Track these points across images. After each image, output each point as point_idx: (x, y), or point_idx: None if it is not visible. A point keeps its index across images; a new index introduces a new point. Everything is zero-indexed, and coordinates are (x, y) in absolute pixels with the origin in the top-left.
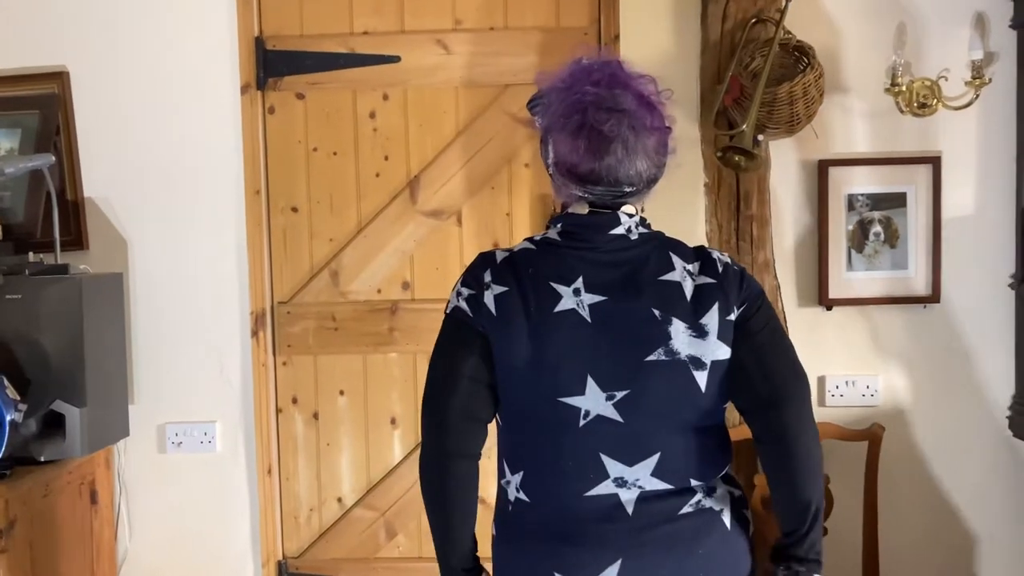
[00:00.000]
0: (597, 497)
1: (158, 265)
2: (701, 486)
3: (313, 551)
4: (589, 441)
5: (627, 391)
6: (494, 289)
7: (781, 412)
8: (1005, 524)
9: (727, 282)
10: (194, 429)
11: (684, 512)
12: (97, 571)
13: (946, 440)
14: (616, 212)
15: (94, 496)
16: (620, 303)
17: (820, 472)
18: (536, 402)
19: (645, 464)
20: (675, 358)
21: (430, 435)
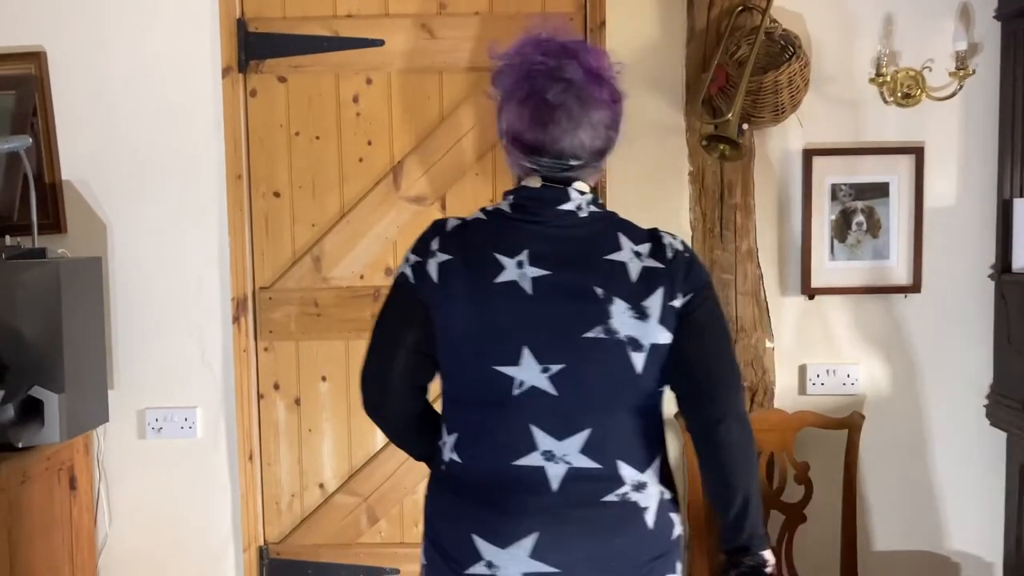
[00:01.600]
0: (525, 468)
1: (138, 249)
2: (632, 476)
3: (295, 536)
4: (521, 412)
5: (563, 365)
6: (439, 257)
7: (716, 405)
8: (983, 512)
9: (675, 268)
10: (175, 415)
11: (607, 500)
12: (76, 557)
13: (925, 429)
14: (566, 188)
15: (73, 482)
16: (563, 278)
17: (751, 465)
18: (472, 370)
19: (574, 440)
20: (613, 337)
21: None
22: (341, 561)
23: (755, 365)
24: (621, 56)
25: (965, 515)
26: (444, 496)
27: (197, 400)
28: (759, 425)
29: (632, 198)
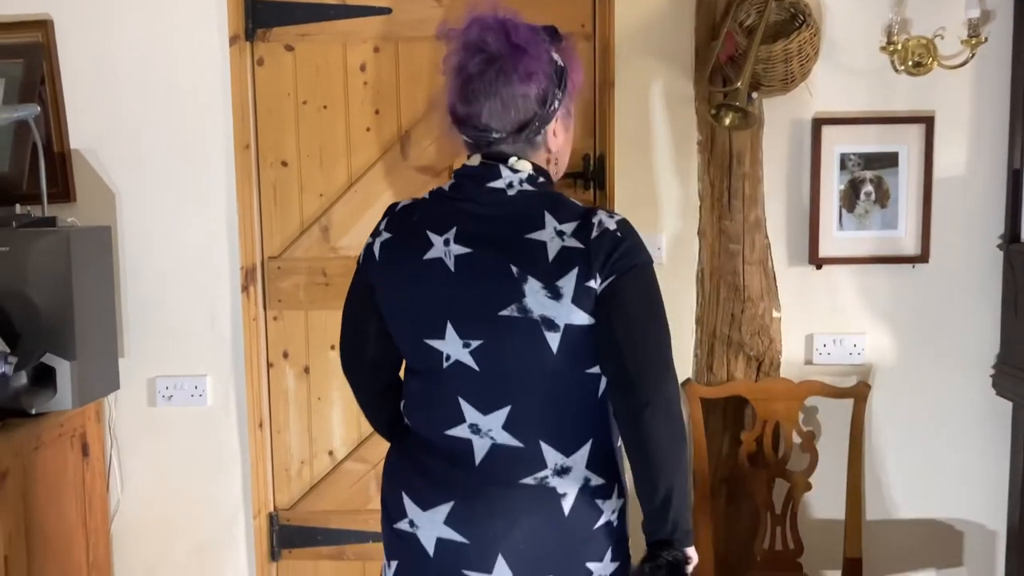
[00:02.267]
0: (455, 438)
1: (146, 219)
2: (555, 459)
3: (304, 503)
4: (451, 384)
5: (481, 341)
6: (382, 236)
7: (641, 391)
8: (987, 481)
9: (598, 248)
10: (185, 383)
11: (524, 482)
12: (90, 522)
13: (931, 399)
14: (499, 165)
15: (85, 449)
16: (483, 256)
17: (677, 459)
18: (410, 341)
19: (497, 415)
20: (527, 316)
21: (347, 372)
22: (350, 527)
23: (762, 335)
24: (630, 25)
25: (969, 484)
26: (393, 456)
27: (207, 368)
28: (765, 395)
29: (640, 168)
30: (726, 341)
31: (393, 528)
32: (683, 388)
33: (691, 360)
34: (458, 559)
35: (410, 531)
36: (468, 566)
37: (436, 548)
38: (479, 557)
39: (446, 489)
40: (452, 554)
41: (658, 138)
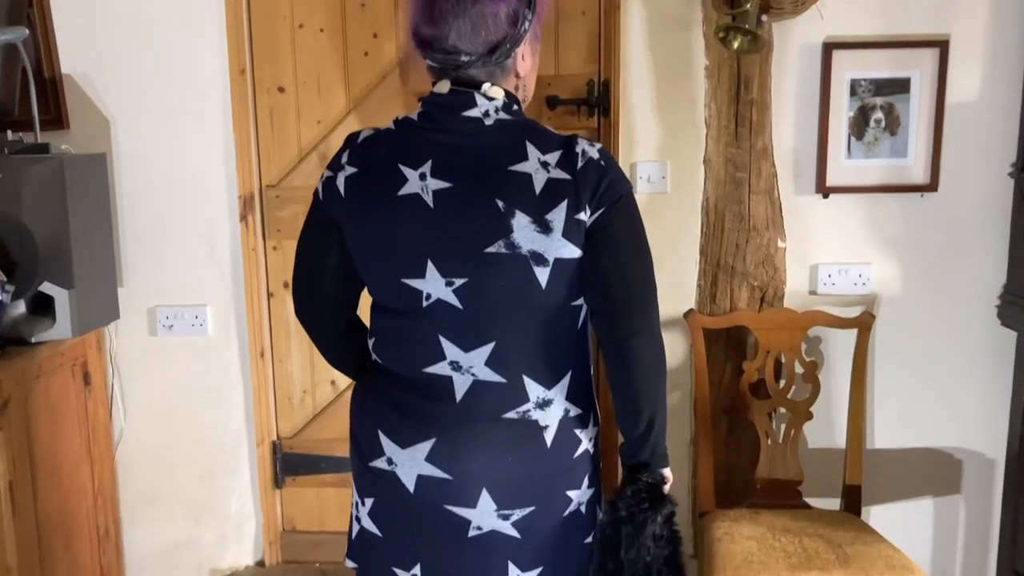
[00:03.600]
0: (433, 375)
1: (142, 146)
2: (537, 392)
3: (307, 432)
4: (430, 322)
5: (466, 279)
6: (346, 171)
7: (626, 321)
8: (988, 411)
9: (584, 179)
10: (185, 312)
11: (507, 417)
12: (94, 450)
13: (935, 328)
14: (473, 93)
15: (87, 378)
16: (464, 191)
17: (660, 384)
18: (384, 281)
19: (480, 352)
20: (515, 252)
21: (301, 318)
22: None
23: (766, 265)
24: None
25: (970, 414)
26: (362, 393)
27: (207, 298)
28: (769, 326)
29: (645, 95)
30: (730, 271)
31: (368, 467)
32: (686, 318)
33: (694, 290)
34: (440, 495)
35: (388, 469)
36: (451, 501)
37: (417, 485)
38: (462, 492)
39: (426, 426)
40: (434, 490)
41: (664, 63)
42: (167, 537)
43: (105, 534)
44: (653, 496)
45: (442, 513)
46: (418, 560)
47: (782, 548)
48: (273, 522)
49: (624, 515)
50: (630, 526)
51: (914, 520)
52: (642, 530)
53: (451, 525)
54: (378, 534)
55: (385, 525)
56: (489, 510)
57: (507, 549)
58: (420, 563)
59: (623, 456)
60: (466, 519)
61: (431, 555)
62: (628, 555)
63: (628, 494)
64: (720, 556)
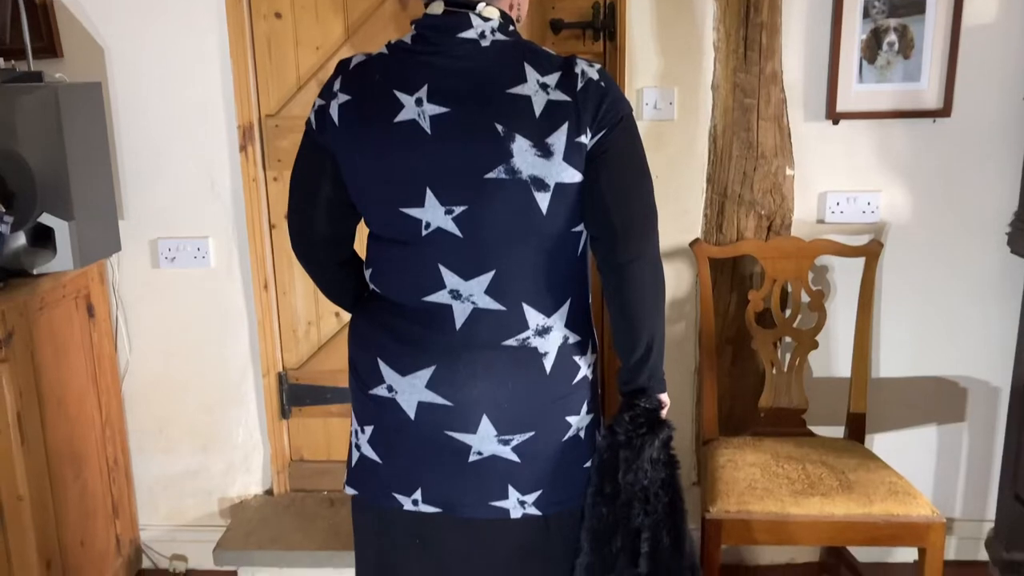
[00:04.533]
0: (432, 304)
1: (138, 76)
2: (537, 320)
3: (312, 363)
4: (429, 251)
5: (465, 207)
6: (339, 98)
7: (627, 245)
8: (994, 339)
9: (585, 101)
10: (187, 244)
11: (507, 344)
12: (100, 382)
13: (944, 256)
14: (468, 13)
15: (91, 310)
16: (463, 115)
17: (659, 309)
18: (382, 211)
19: (479, 280)
20: (516, 177)
21: (297, 251)
22: None
23: (774, 193)
24: None
25: (976, 343)
26: (360, 322)
27: (208, 230)
28: (775, 254)
29: (652, 19)
30: (737, 200)
31: (368, 394)
32: (691, 248)
33: (700, 219)
34: (441, 421)
35: (388, 396)
36: (451, 427)
37: (417, 411)
38: (463, 418)
39: (426, 354)
40: (434, 417)
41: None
42: (176, 467)
43: (114, 464)
44: (651, 421)
45: (442, 439)
46: (419, 485)
47: (785, 475)
48: (280, 452)
49: (622, 439)
50: (628, 450)
51: (917, 448)
52: (640, 454)
53: (451, 450)
54: (378, 460)
55: (385, 451)
56: (489, 436)
57: (507, 473)
58: (421, 487)
59: (621, 382)
60: (466, 444)
61: (431, 479)
62: (626, 478)
63: (626, 419)
64: (723, 483)
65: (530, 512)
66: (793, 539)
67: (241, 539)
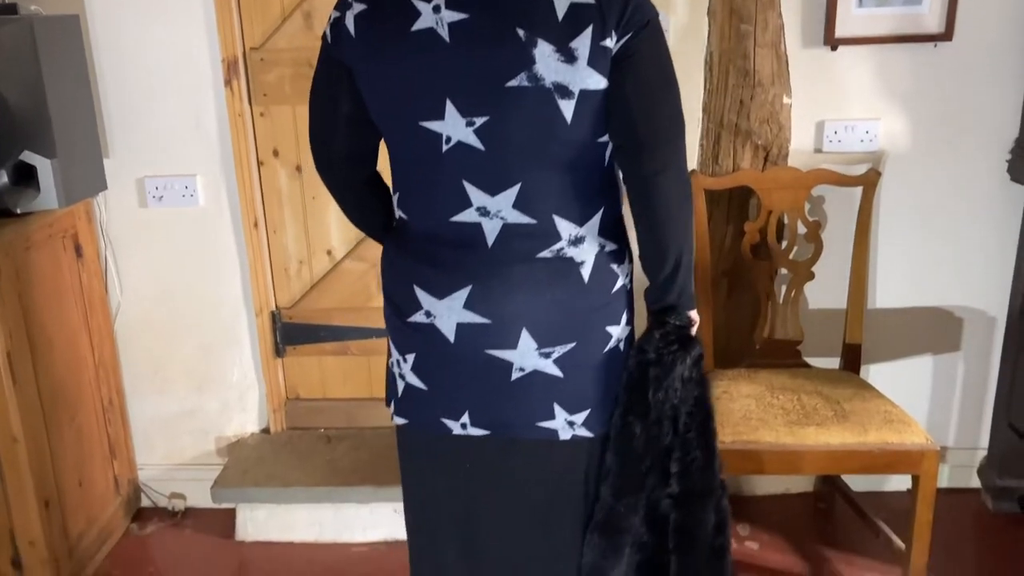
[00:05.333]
0: (461, 223)
1: (116, 7)
2: (569, 230)
3: (305, 302)
4: (452, 167)
5: (487, 118)
6: (355, 8)
7: (653, 155)
8: (992, 268)
9: (609, 3)
10: (174, 183)
11: (541, 256)
12: (91, 323)
13: (943, 185)
14: None
15: (79, 250)
16: (481, 21)
17: (687, 223)
18: (401, 127)
19: (506, 195)
20: (539, 85)
21: (320, 172)
22: (353, 324)
23: (771, 122)
24: None
25: (974, 272)
26: (391, 251)
27: (196, 168)
28: (772, 185)
29: None
30: (733, 130)
31: (407, 322)
32: None
33: (696, 150)
34: (480, 340)
35: (427, 321)
36: (491, 345)
37: (457, 333)
38: (502, 335)
39: (461, 274)
40: (474, 336)
41: None
42: (172, 407)
43: (109, 404)
44: (681, 338)
45: (484, 358)
46: (466, 408)
47: (780, 405)
48: (276, 390)
49: (652, 358)
50: (658, 368)
51: (913, 378)
52: (670, 372)
53: (494, 369)
54: (423, 387)
55: (429, 378)
56: (530, 349)
57: (551, 389)
58: (468, 410)
59: (649, 300)
60: (508, 361)
61: (478, 402)
62: (656, 397)
63: (656, 337)
64: (718, 414)
65: (580, 433)
66: (788, 469)
67: (238, 477)
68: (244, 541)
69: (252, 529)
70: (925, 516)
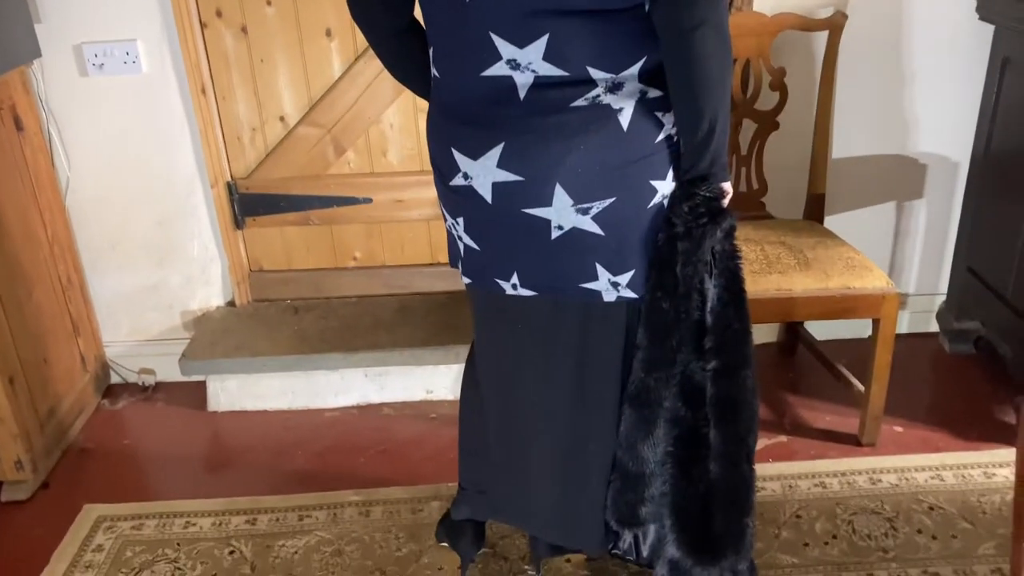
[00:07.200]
0: (493, 78)
1: None
2: (605, 79)
3: (261, 171)
4: (479, 19)
5: None
6: None
7: (691, 8)
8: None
9: None
10: (114, 49)
11: (576, 104)
12: (40, 199)
13: (910, 26)
14: None
15: (18, 123)
16: None
17: (724, 86)
18: None
19: (535, 46)
20: None
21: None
22: (313, 192)
23: None
24: None
25: (940, 118)
26: (432, 115)
27: (135, 32)
28: (736, 31)
29: None
30: None
31: (449, 186)
32: None
33: None
34: (516, 199)
35: (465, 184)
36: (527, 203)
37: (494, 194)
38: (536, 191)
39: (494, 131)
40: (510, 195)
41: None
42: (133, 282)
43: (68, 282)
44: (712, 210)
45: (522, 218)
46: (514, 269)
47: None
48: (239, 263)
49: (681, 231)
50: (687, 242)
51: (876, 225)
52: (700, 245)
53: (534, 229)
54: (477, 248)
55: (479, 239)
56: (566, 205)
57: (593, 249)
58: (516, 272)
59: (682, 171)
60: (546, 219)
61: (523, 262)
62: (684, 271)
63: (685, 209)
64: None
65: (625, 295)
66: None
67: (206, 349)
68: (217, 411)
69: (224, 399)
70: (884, 359)
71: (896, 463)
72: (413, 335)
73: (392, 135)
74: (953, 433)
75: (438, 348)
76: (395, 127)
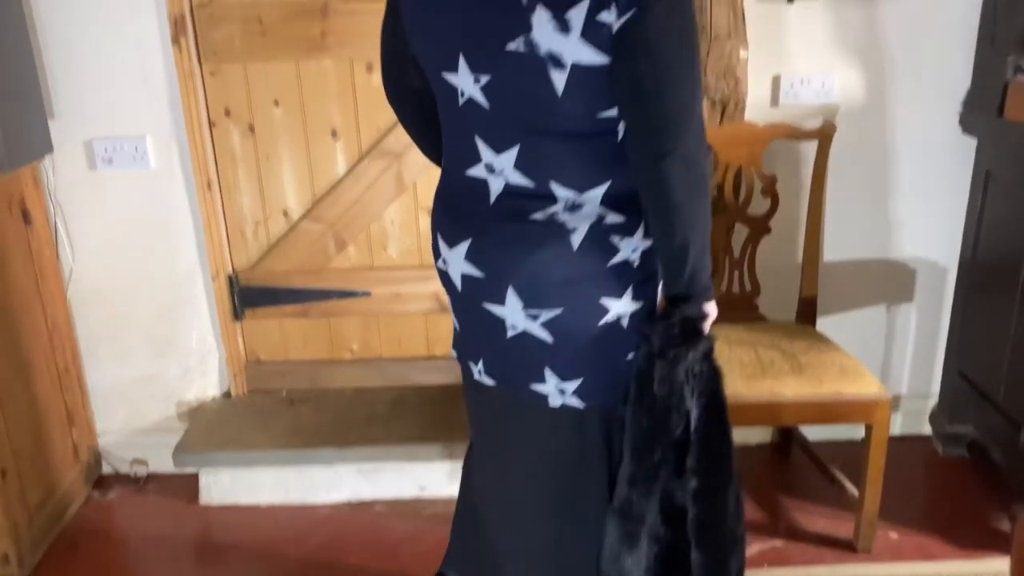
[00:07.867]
0: (473, 178)
1: None
2: (567, 197)
3: (263, 264)
4: (467, 121)
5: (490, 76)
6: None
7: (660, 139)
8: (944, 220)
9: None
10: (124, 144)
11: (534, 218)
12: (43, 290)
13: (896, 137)
14: None
15: (27, 216)
16: None
17: (693, 208)
18: (433, 74)
19: (508, 155)
20: (533, 52)
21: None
22: (313, 285)
23: (727, 77)
24: None
25: (927, 224)
26: (435, 196)
27: (145, 128)
28: (729, 140)
29: None
30: None
31: (437, 267)
32: None
33: None
34: (478, 292)
35: (444, 269)
36: (486, 299)
37: (461, 283)
38: (493, 289)
39: (466, 226)
40: (473, 288)
41: None
42: (131, 373)
43: (65, 372)
44: (686, 331)
45: (483, 311)
46: (480, 356)
47: (737, 359)
48: (236, 354)
49: (656, 349)
50: (662, 360)
51: (866, 329)
52: (674, 366)
53: (494, 323)
54: (458, 327)
55: (458, 319)
56: (517, 308)
57: (542, 353)
58: (482, 359)
59: (663, 287)
60: (501, 318)
61: (486, 351)
62: (660, 390)
63: (660, 328)
64: None
65: (570, 403)
66: (746, 420)
67: (200, 441)
68: (209, 505)
69: (216, 493)
70: (877, 464)
71: (892, 571)
72: (408, 430)
73: (393, 231)
74: (948, 540)
75: (433, 444)
76: (396, 223)
